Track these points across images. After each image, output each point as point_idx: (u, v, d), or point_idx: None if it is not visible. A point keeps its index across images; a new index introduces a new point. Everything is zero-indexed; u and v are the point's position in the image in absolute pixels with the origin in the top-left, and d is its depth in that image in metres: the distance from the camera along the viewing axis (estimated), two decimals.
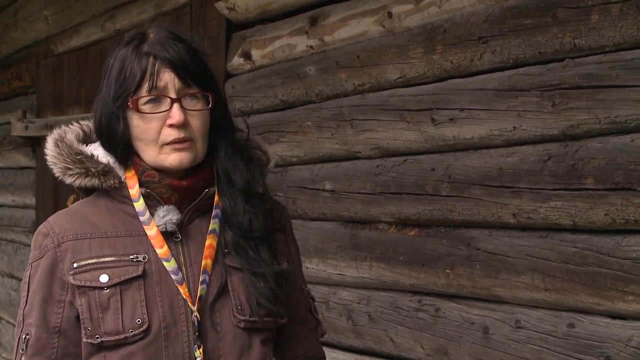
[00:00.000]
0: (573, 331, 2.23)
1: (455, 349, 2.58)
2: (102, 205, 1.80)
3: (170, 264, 1.74)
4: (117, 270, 1.72)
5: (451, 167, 2.58)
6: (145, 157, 1.75)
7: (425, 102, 2.67)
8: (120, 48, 1.78)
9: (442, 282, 2.62)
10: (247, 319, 1.77)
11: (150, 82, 1.71)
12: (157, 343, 1.71)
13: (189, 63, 1.73)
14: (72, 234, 1.76)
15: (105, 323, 1.71)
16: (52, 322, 1.74)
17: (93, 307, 1.71)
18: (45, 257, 1.76)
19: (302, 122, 3.22)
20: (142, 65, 1.72)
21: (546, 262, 2.28)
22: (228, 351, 1.76)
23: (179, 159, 1.73)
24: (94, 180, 1.77)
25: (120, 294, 1.71)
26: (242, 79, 3.60)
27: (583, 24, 2.17)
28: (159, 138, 1.72)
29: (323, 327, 2.03)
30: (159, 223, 1.75)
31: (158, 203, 1.76)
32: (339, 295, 3.06)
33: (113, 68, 1.76)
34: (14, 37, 5.78)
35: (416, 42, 2.71)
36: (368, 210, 2.90)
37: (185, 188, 1.76)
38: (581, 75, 2.18)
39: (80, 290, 1.72)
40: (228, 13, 3.63)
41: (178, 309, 1.73)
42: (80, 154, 1.78)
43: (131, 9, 4.49)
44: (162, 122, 1.72)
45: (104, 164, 1.78)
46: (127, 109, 1.74)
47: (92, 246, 1.75)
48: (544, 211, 2.28)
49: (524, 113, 2.34)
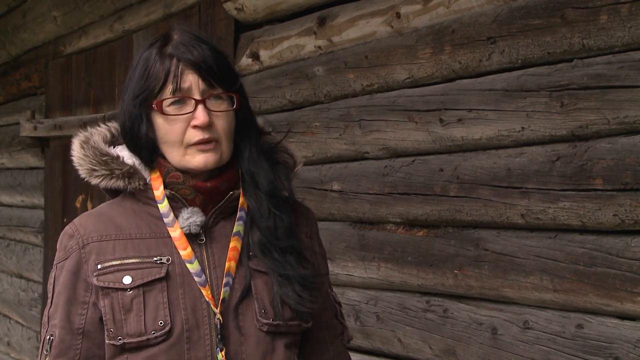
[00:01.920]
0: (582, 332, 2.23)
1: (464, 350, 2.57)
2: (127, 207, 1.80)
3: (194, 266, 1.74)
4: (141, 272, 1.72)
5: (459, 167, 2.58)
6: (170, 158, 1.75)
7: (433, 103, 2.67)
8: (144, 50, 1.78)
9: (451, 282, 2.61)
10: (270, 323, 1.76)
11: (174, 84, 1.71)
12: (180, 345, 1.71)
13: (213, 64, 1.74)
14: (96, 236, 1.76)
15: (127, 325, 1.71)
16: (76, 324, 1.74)
17: (116, 308, 1.71)
18: (70, 259, 1.77)
19: (311, 122, 3.22)
20: (165, 67, 1.72)
21: (555, 262, 2.28)
22: (251, 355, 1.74)
23: (204, 160, 1.73)
24: (119, 182, 1.78)
25: (143, 296, 1.71)
26: (250, 79, 3.60)
27: (592, 25, 2.17)
28: (184, 139, 1.73)
29: (349, 332, 2.01)
30: (182, 225, 1.75)
31: (182, 205, 1.76)
32: (347, 295, 3.06)
33: (137, 70, 1.77)
34: (23, 38, 5.80)
35: (424, 42, 2.71)
36: (376, 210, 2.90)
37: (209, 189, 1.76)
38: (590, 76, 2.18)
39: (104, 291, 1.72)
40: (236, 14, 3.63)
41: (201, 312, 1.73)
42: (106, 156, 1.79)
43: (139, 10, 4.50)
44: (186, 123, 1.72)
45: (129, 166, 1.78)
46: (151, 111, 1.75)
47: (116, 248, 1.75)
48: (552, 212, 2.27)
49: (533, 113, 2.33)
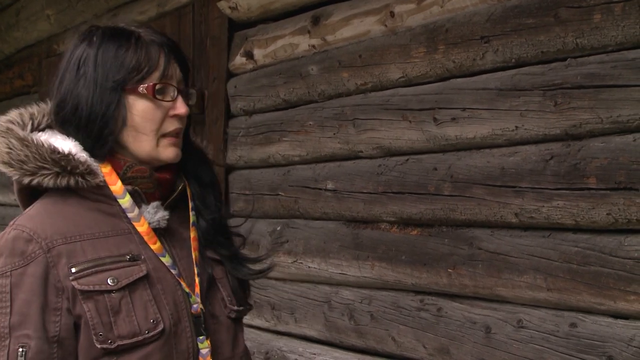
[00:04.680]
0: (575, 331, 2.23)
1: (458, 349, 2.58)
2: (75, 205, 1.71)
3: (167, 259, 1.72)
4: (122, 272, 1.67)
5: (453, 166, 2.58)
6: (137, 147, 1.70)
7: (427, 102, 2.67)
8: (98, 38, 1.70)
9: (444, 281, 2.61)
10: (236, 309, 1.79)
11: (163, 71, 1.70)
12: (170, 341, 1.70)
13: (187, 60, 1.76)
14: (60, 238, 1.66)
15: (118, 327, 1.65)
16: (52, 332, 1.64)
17: (102, 311, 1.64)
18: (33, 265, 1.64)
19: (305, 121, 3.22)
20: (152, 54, 1.70)
21: (548, 261, 2.28)
22: (224, 341, 1.77)
23: (175, 153, 1.73)
24: (71, 180, 1.67)
25: (130, 296, 1.67)
26: (244, 78, 3.60)
27: (585, 24, 2.17)
28: (160, 128, 1.70)
29: None
30: (151, 220, 1.72)
31: (141, 200, 1.72)
32: (341, 294, 3.06)
33: (103, 59, 1.67)
34: (16, 36, 5.78)
35: (418, 41, 2.71)
36: (370, 209, 2.90)
37: (169, 182, 1.76)
38: (583, 75, 2.18)
39: (85, 295, 1.64)
40: (230, 12, 3.63)
41: (180, 304, 1.72)
42: (57, 153, 1.67)
43: (133, 8, 4.49)
44: (165, 111, 1.71)
45: (82, 162, 1.68)
46: (129, 96, 1.68)
47: (85, 248, 1.67)
48: (546, 211, 2.27)
49: (526, 112, 2.34)
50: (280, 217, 3.37)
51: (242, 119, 3.62)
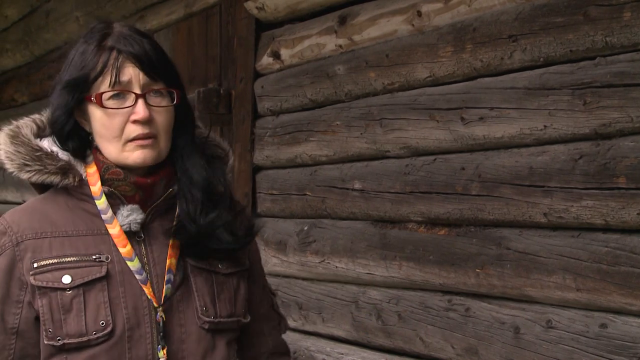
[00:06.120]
0: (605, 331, 2.21)
1: (486, 349, 2.56)
2: (61, 203, 1.75)
3: (134, 263, 1.71)
4: (80, 271, 1.68)
5: (481, 166, 2.57)
6: (108, 153, 1.71)
7: (454, 101, 2.66)
8: (80, 42, 1.73)
9: (472, 281, 2.60)
10: (211, 320, 1.75)
11: (113, 77, 1.67)
12: (121, 345, 1.68)
13: (154, 58, 1.70)
14: (31, 233, 1.71)
15: (67, 325, 1.67)
16: (10, 323, 1.69)
17: (54, 308, 1.67)
18: (2, 257, 1.71)
19: (332, 121, 3.22)
20: (104, 59, 1.68)
21: (578, 261, 2.26)
22: (192, 352, 1.73)
23: (143, 156, 1.69)
24: (52, 177, 1.73)
25: (84, 295, 1.67)
26: (271, 78, 3.61)
27: (615, 22, 2.15)
28: (123, 134, 1.69)
29: (286, 322, 2.02)
30: (122, 222, 1.72)
31: (121, 202, 1.73)
32: (368, 294, 3.06)
33: (74, 60, 1.71)
34: (46, 38, 5.84)
35: (446, 41, 2.70)
36: (397, 209, 2.90)
37: (149, 186, 1.73)
38: (613, 74, 2.16)
39: (41, 291, 1.68)
40: (257, 13, 3.64)
41: (142, 310, 1.70)
42: (39, 151, 1.73)
43: (161, 10, 4.52)
44: (125, 117, 1.68)
45: (64, 161, 1.74)
46: (87, 103, 1.70)
47: (52, 245, 1.70)
48: (575, 210, 2.26)
49: (555, 112, 2.32)
50: (308, 217, 3.38)
51: (269, 119, 3.62)
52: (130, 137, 1.69)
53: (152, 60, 1.70)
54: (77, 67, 1.70)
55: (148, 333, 1.70)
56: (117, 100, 1.69)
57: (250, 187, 3.68)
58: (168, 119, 1.73)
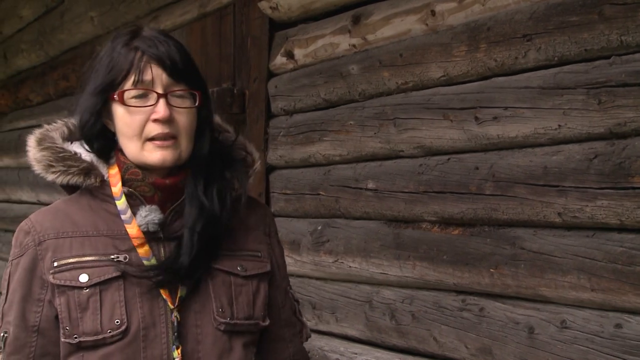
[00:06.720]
0: (620, 332, 2.20)
1: (500, 349, 2.56)
2: (84, 204, 1.78)
3: (151, 263, 1.73)
4: (97, 270, 1.71)
5: (495, 165, 2.56)
6: (128, 152, 1.74)
7: (468, 101, 2.66)
8: (109, 44, 1.77)
9: (486, 281, 2.60)
10: (227, 322, 1.75)
11: (136, 76, 1.70)
12: (136, 344, 1.70)
13: (178, 60, 1.72)
14: (53, 233, 1.75)
15: (83, 323, 1.69)
16: (31, 321, 1.73)
17: (72, 306, 1.70)
18: (25, 255, 1.75)
19: (345, 121, 3.22)
20: (129, 59, 1.71)
21: (592, 261, 2.25)
22: (207, 353, 1.74)
23: (162, 157, 1.71)
24: (75, 178, 1.76)
25: (100, 294, 1.70)
26: (285, 78, 3.61)
27: (630, 21, 2.14)
28: (143, 133, 1.71)
29: (308, 329, 2.01)
30: (140, 222, 1.73)
31: (140, 202, 1.75)
32: (382, 294, 3.06)
33: (101, 62, 1.75)
34: (61, 38, 5.87)
35: (459, 40, 2.70)
36: (411, 209, 2.90)
37: (168, 187, 1.74)
38: (628, 73, 2.15)
39: (60, 289, 1.71)
40: (271, 12, 3.64)
41: (158, 310, 1.72)
42: (63, 152, 1.77)
43: (174, 10, 4.53)
44: (146, 116, 1.70)
45: (86, 163, 1.77)
46: (111, 102, 1.73)
47: (72, 245, 1.73)
48: (590, 210, 2.25)
49: (570, 111, 2.31)
50: (321, 216, 3.38)
51: (282, 119, 3.63)
52: (150, 136, 1.71)
53: (176, 62, 1.72)
54: (105, 70, 1.74)
55: (163, 333, 1.72)
56: (139, 99, 1.71)
57: (264, 187, 3.69)
58: (189, 120, 1.74)
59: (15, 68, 6.73)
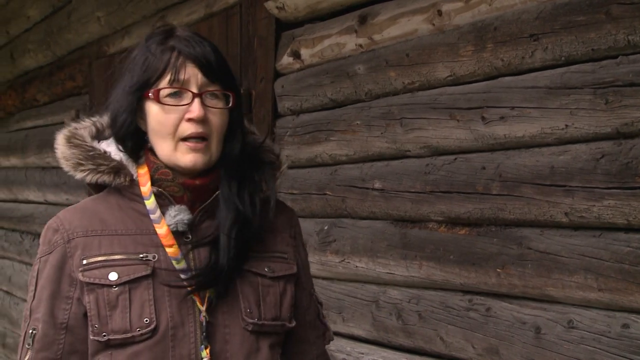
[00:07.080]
0: (627, 332, 2.20)
1: (507, 349, 2.56)
2: (112, 202, 1.79)
3: (180, 263, 1.73)
4: (127, 269, 1.72)
5: (502, 165, 2.56)
6: (160, 151, 1.74)
7: (475, 101, 2.66)
8: (144, 43, 1.78)
9: (493, 281, 2.60)
10: (255, 322, 1.76)
11: (172, 75, 1.71)
12: (164, 343, 1.70)
13: (213, 60, 1.74)
14: (82, 231, 1.75)
15: (112, 321, 1.70)
16: (60, 318, 1.73)
17: (101, 304, 1.71)
18: (54, 253, 1.75)
19: (352, 121, 3.22)
20: (165, 58, 1.72)
21: (599, 261, 2.25)
22: (235, 353, 1.74)
23: (194, 160, 1.72)
24: (104, 177, 1.77)
25: (129, 293, 1.70)
26: (292, 78, 3.62)
27: (637, 20, 2.14)
28: (176, 132, 1.71)
29: (331, 333, 2.02)
30: (170, 222, 1.74)
31: (169, 202, 1.75)
32: (388, 294, 3.06)
33: (136, 59, 1.76)
34: (68, 38, 5.88)
35: (466, 40, 2.70)
36: (418, 209, 2.90)
37: (198, 187, 1.75)
38: (635, 73, 2.15)
39: (89, 287, 1.72)
40: (277, 12, 3.65)
41: (186, 309, 1.72)
42: (93, 150, 1.78)
43: (181, 10, 4.54)
44: (181, 115, 1.71)
45: (116, 161, 1.78)
46: (146, 101, 1.74)
47: (102, 243, 1.74)
48: (597, 210, 2.25)
49: (577, 111, 2.31)
50: (328, 216, 3.38)
51: (289, 119, 3.63)
52: (183, 136, 1.72)
53: (211, 62, 1.74)
54: (140, 69, 1.74)
55: (192, 332, 1.73)
56: (174, 98, 1.72)
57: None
58: (222, 121, 1.75)
59: (22, 68, 6.75)
